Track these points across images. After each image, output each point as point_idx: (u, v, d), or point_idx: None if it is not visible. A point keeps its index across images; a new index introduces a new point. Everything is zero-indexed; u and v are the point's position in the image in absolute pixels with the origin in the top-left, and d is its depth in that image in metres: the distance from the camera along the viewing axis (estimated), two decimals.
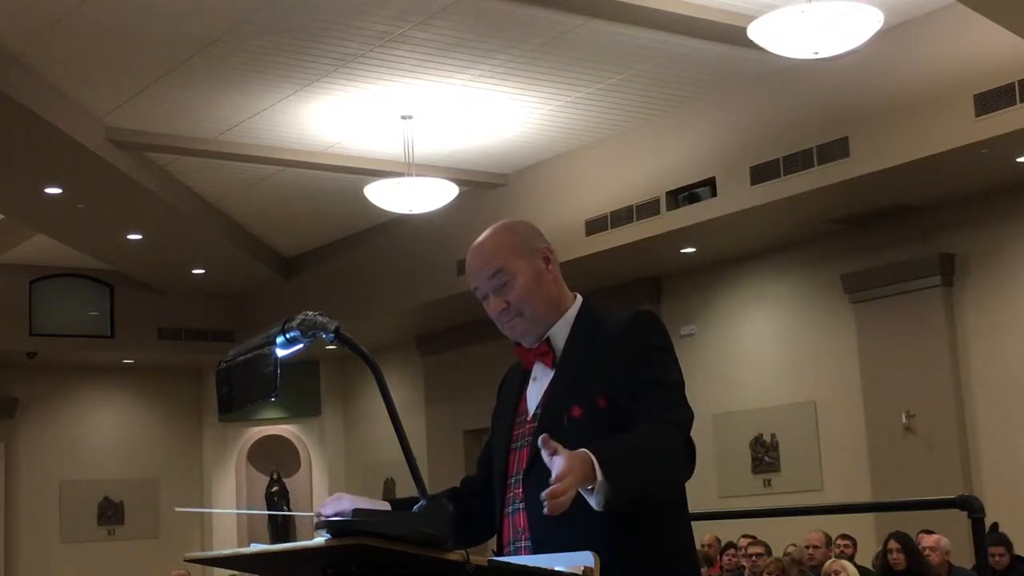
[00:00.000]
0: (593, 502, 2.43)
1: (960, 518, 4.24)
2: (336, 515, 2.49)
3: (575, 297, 2.81)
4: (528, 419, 2.72)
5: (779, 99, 9.63)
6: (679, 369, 2.70)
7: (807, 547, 9.04)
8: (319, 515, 2.61)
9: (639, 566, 2.54)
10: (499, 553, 2.72)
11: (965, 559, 8.23)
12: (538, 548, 2.60)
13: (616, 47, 8.98)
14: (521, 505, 2.69)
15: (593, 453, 2.43)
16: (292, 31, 8.58)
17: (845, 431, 10.68)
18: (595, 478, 2.42)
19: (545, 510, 2.36)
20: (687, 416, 2.61)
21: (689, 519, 2.72)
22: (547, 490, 2.35)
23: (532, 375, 2.78)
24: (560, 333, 2.75)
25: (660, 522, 2.60)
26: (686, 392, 2.69)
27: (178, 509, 16.23)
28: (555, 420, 2.62)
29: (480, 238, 2.80)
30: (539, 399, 2.73)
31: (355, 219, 13.07)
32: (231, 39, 8.67)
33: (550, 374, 2.73)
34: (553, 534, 2.56)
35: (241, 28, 8.51)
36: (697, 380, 2.68)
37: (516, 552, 2.67)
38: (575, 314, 2.76)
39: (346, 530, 2.07)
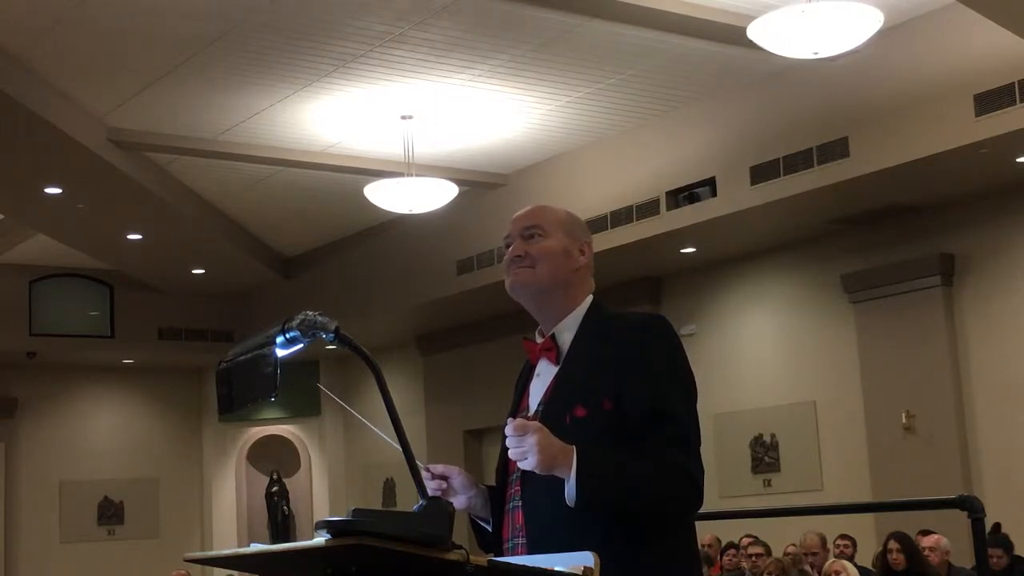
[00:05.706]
0: (566, 495, 2.47)
1: (960, 518, 4.24)
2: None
3: (588, 297, 2.81)
4: (529, 416, 2.69)
5: (779, 99, 9.63)
6: (694, 389, 2.68)
7: (805, 554, 9.02)
8: (427, 469, 2.73)
9: (638, 566, 2.53)
10: (499, 549, 2.72)
11: (965, 559, 8.23)
12: (533, 547, 2.59)
13: (616, 47, 8.98)
14: (519, 503, 2.68)
15: (578, 452, 2.46)
16: (292, 31, 8.58)
17: (845, 431, 10.68)
18: (569, 472, 2.45)
19: (511, 452, 2.47)
20: (694, 452, 2.59)
21: (694, 520, 2.70)
22: (516, 422, 2.47)
23: (536, 371, 2.78)
24: (567, 329, 2.74)
25: (661, 523, 2.58)
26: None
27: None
28: (557, 418, 2.60)
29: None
30: (541, 395, 2.72)
31: (355, 219, 13.07)
32: (231, 39, 8.67)
33: (553, 371, 2.72)
34: (549, 532, 2.57)
35: (241, 28, 8.51)
36: (697, 380, 2.69)
37: (513, 549, 2.66)
38: (584, 312, 2.76)
39: (346, 530, 2.06)
